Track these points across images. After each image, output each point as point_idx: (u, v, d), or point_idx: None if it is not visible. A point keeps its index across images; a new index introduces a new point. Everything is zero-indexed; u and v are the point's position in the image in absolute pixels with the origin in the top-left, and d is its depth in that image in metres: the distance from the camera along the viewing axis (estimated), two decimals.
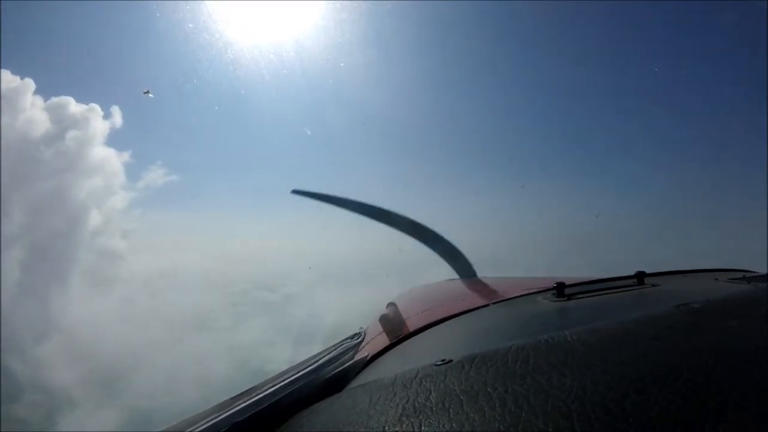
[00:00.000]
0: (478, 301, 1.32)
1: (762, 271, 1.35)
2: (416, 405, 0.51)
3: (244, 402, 0.71)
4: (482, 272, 2.30)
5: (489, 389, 0.50)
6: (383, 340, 1.13)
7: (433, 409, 0.49)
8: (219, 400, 0.77)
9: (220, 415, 0.68)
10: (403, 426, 0.48)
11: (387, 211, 2.42)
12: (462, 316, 1.19)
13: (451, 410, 0.48)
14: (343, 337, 1.23)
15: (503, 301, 1.30)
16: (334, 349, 1.05)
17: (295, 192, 2.56)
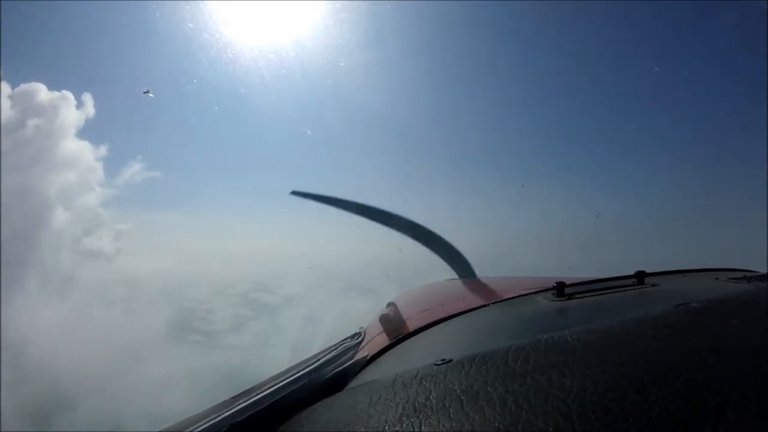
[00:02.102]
0: (478, 301, 1.32)
1: (762, 271, 1.35)
2: (416, 405, 0.51)
3: (244, 402, 0.71)
4: (482, 272, 2.29)
5: (489, 389, 0.50)
6: (383, 340, 1.13)
7: (433, 408, 0.49)
8: (216, 401, 0.77)
9: (220, 415, 0.68)
10: (403, 426, 0.48)
11: (386, 212, 2.40)
12: (462, 316, 1.19)
13: (451, 410, 0.48)
14: (343, 337, 1.23)
15: (503, 301, 1.30)
16: (334, 349, 1.05)
17: (295, 193, 2.54)
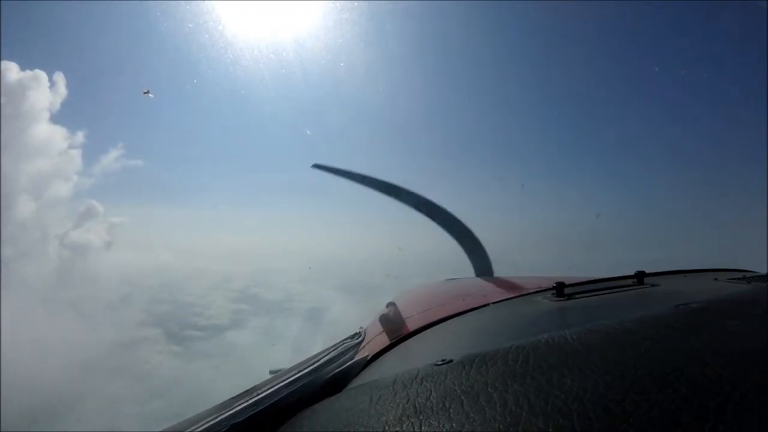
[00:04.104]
0: (478, 301, 1.32)
1: (762, 271, 1.35)
2: (416, 405, 0.51)
3: (245, 402, 0.71)
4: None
5: (489, 389, 0.50)
6: (383, 340, 1.13)
7: (434, 409, 0.49)
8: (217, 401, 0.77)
9: (220, 415, 0.68)
10: (404, 426, 0.48)
11: (402, 188, 2.34)
12: (462, 316, 1.19)
13: (451, 410, 0.48)
14: (343, 337, 1.23)
15: (503, 301, 1.30)
16: (334, 349, 1.05)
17: (316, 167, 2.47)
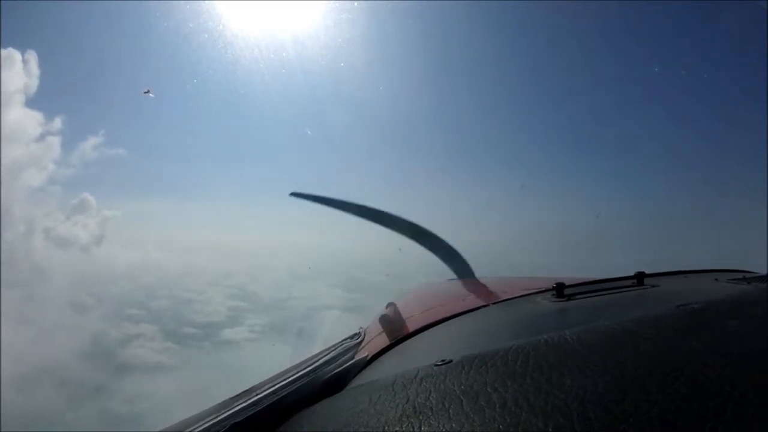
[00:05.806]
0: (478, 301, 1.32)
1: (762, 271, 1.35)
2: (416, 405, 0.51)
3: (244, 402, 0.71)
4: (482, 272, 2.29)
5: (489, 389, 0.50)
6: (383, 340, 1.13)
7: (433, 409, 0.49)
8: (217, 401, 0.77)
9: (219, 415, 0.68)
10: (403, 426, 0.48)
11: (385, 213, 2.40)
12: (462, 316, 1.19)
13: (451, 410, 0.48)
14: (343, 337, 1.23)
15: (503, 301, 1.30)
16: (334, 349, 1.05)
17: (294, 194, 2.52)
